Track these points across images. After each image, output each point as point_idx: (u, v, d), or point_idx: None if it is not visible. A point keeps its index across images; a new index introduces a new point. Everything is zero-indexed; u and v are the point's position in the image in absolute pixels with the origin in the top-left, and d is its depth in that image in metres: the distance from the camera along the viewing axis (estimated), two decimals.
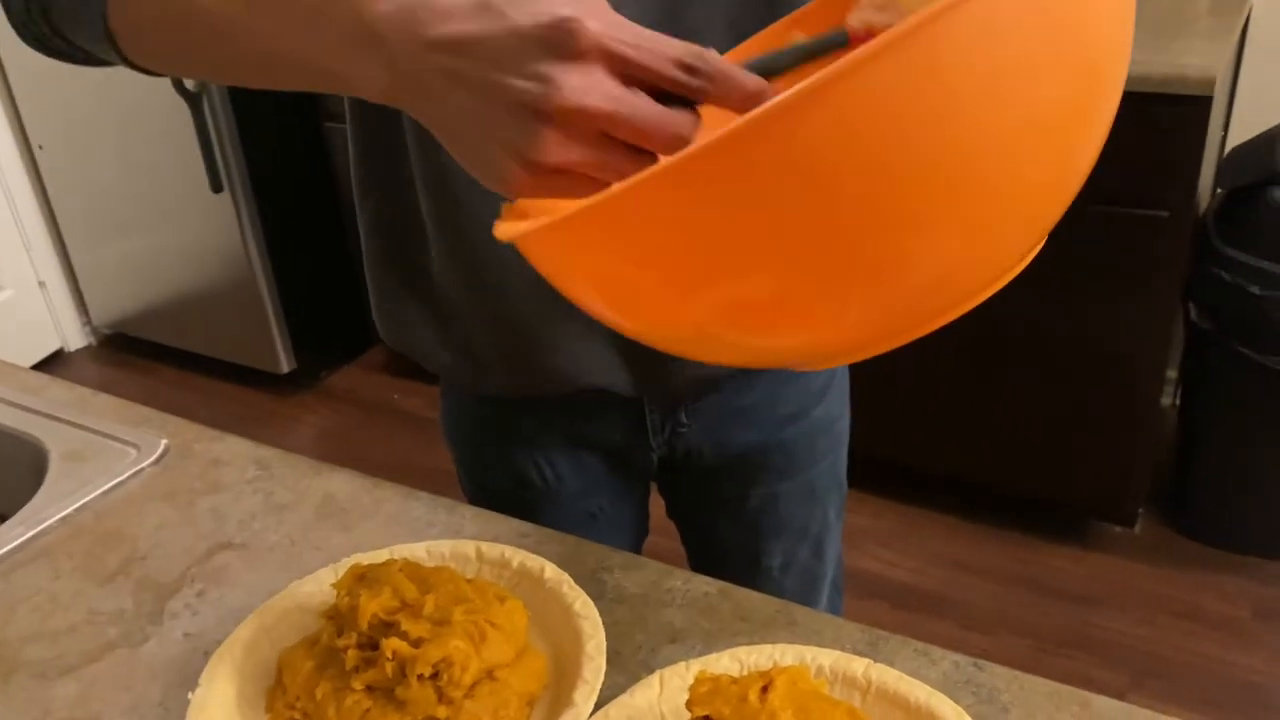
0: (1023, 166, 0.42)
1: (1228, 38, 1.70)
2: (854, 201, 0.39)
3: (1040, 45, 0.40)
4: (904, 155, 0.39)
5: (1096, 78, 0.44)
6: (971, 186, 0.41)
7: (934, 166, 0.39)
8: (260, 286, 2.51)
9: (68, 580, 0.78)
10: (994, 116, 0.39)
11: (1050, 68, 0.40)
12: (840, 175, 0.39)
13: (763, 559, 0.93)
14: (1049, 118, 0.41)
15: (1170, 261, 1.71)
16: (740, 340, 0.47)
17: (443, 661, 0.59)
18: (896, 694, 0.59)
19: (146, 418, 0.96)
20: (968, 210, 0.42)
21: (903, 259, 0.42)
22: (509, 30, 0.41)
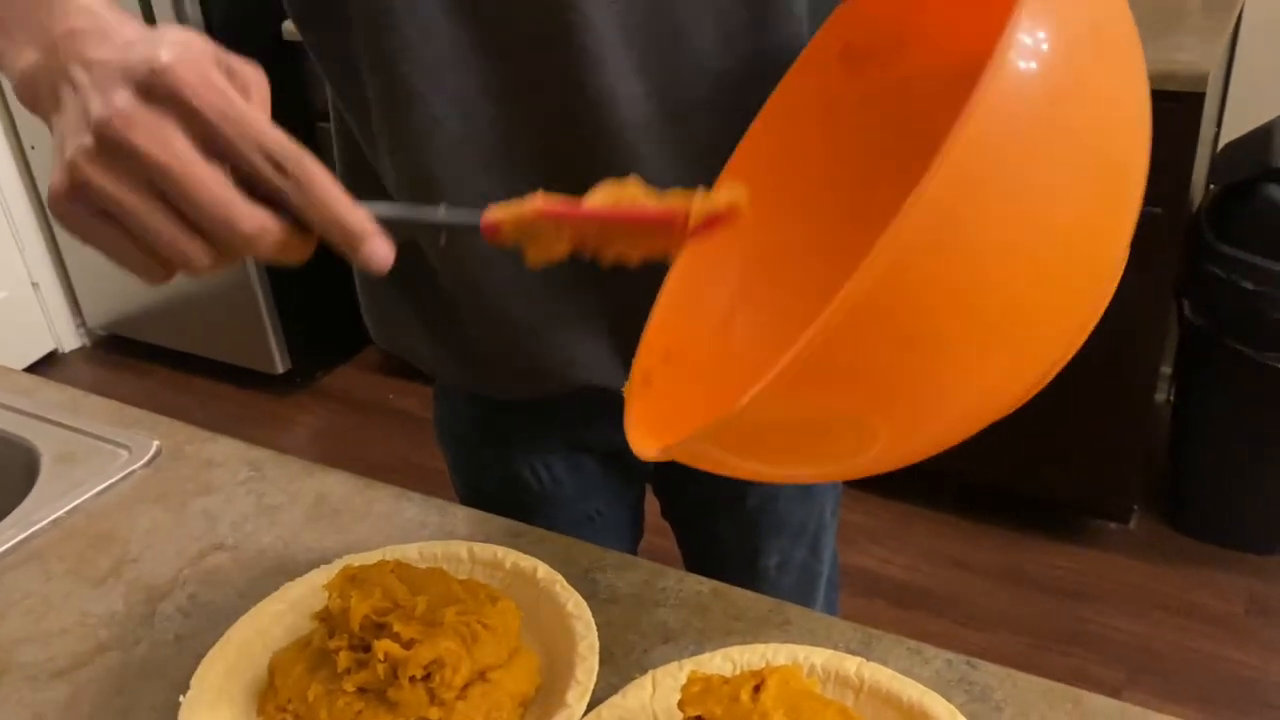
0: (1062, 278, 0.43)
1: (1220, 34, 1.70)
2: (918, 370, 0.42)
3: (1060, 165, 0.40)
4: (945, 314, 0.40)
5: (1121, 174, 0.45)
6: (1013, 315, 0.42)
7: (977, 314, 0.41)
8: (255, 286, 2.50)
9: (59, 583, 0.77)
10: (1025, 248, 0.41)
11: (1072, 185, 0.41)
12: (904, 354, 0.41)
13: (760, 559, 0.93)
14: (1078, 231, 0.42)
15: (1163, 258, 1.71)
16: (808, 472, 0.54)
17: (434, 663, 0.59)
18: (889, 693, 0.59)
19: (138, 419, 0.96)
20: (1013, 333, 0.43)
21: (958, 393, 0.45)
22: (120, 61, 0.41)
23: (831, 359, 0.40)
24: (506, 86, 0.66)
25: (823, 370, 0.41)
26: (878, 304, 0.39)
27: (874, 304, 0.39)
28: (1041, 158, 0.39)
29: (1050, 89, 0.39)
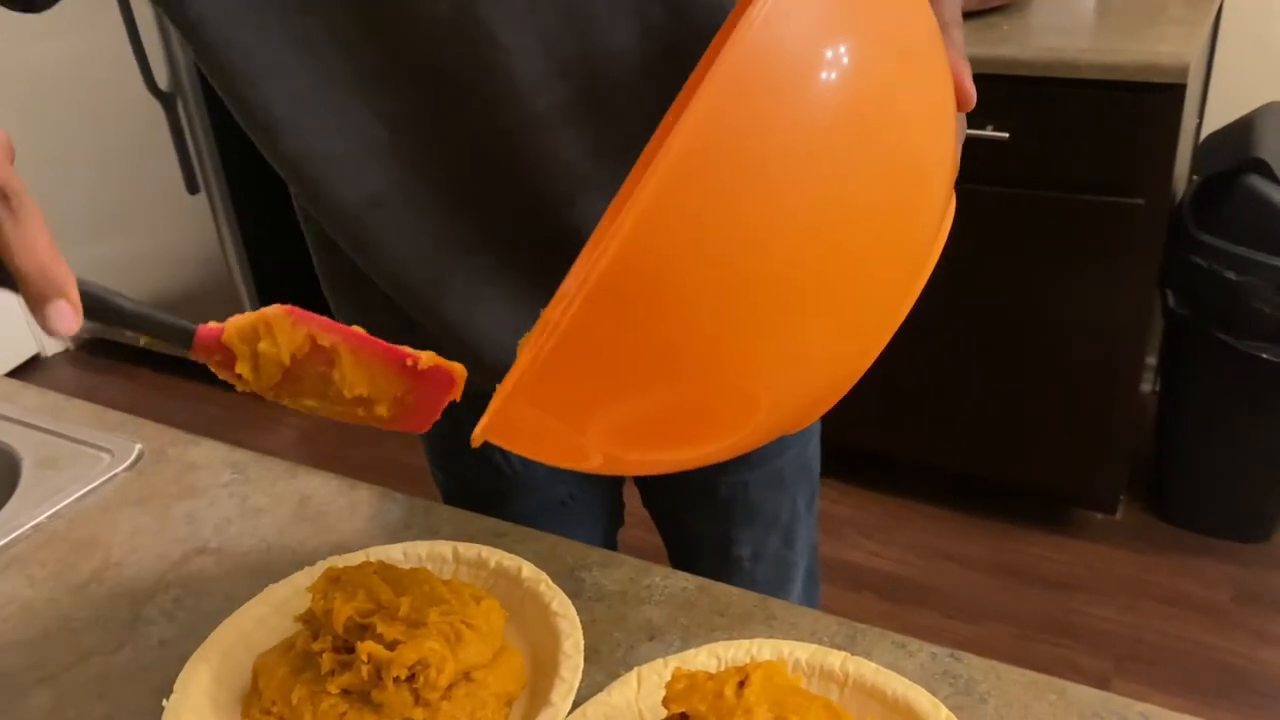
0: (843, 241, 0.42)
1: (1201, 24, 1.71)
2: (713, 315, 0.41)
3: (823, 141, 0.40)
4: (728, 263, 0.40)
5: (912, 160, 0.44)
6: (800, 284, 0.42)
7: (759, 264, 0.40)
8: (239, 288, 2.49)
9: (41, 588, 0.77)
10: (800, 207, 0.40)
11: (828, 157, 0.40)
12: (686, 297, 0.40)
13: (733, 549, 0.93)
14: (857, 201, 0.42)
15: (1146, 249, 1.72)
16: (666, 456, 0.51)
17: (418, 664, 0.59)
18: (874, 687, 0.59)
19: (120, 423, 0.95)
20: (806, 302, 0.43)
21: (776, 356, 0.44)
22: None
23: (597, 320, 0.40)
24: (422, 100, 0.66)
25: (590, 335, 0.41)
26: (631, 259, 0.39)
27: (627, 259, 0.39)
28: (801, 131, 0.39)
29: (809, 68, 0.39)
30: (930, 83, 0.45)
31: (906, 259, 0.46)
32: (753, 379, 0.44)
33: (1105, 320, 1.79)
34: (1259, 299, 1.71)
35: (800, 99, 0.38)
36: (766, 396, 0.46)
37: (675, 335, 0.41)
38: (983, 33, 1.75)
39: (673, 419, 0.46)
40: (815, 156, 0.39)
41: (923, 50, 0.45)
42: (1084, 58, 1.61)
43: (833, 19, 0.40)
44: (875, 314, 0.46)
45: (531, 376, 0.43)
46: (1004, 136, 1.69)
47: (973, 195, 1.78)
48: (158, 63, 2.23)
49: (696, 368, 0.43)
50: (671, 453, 0.51)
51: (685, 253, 0.39)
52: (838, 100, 0.39)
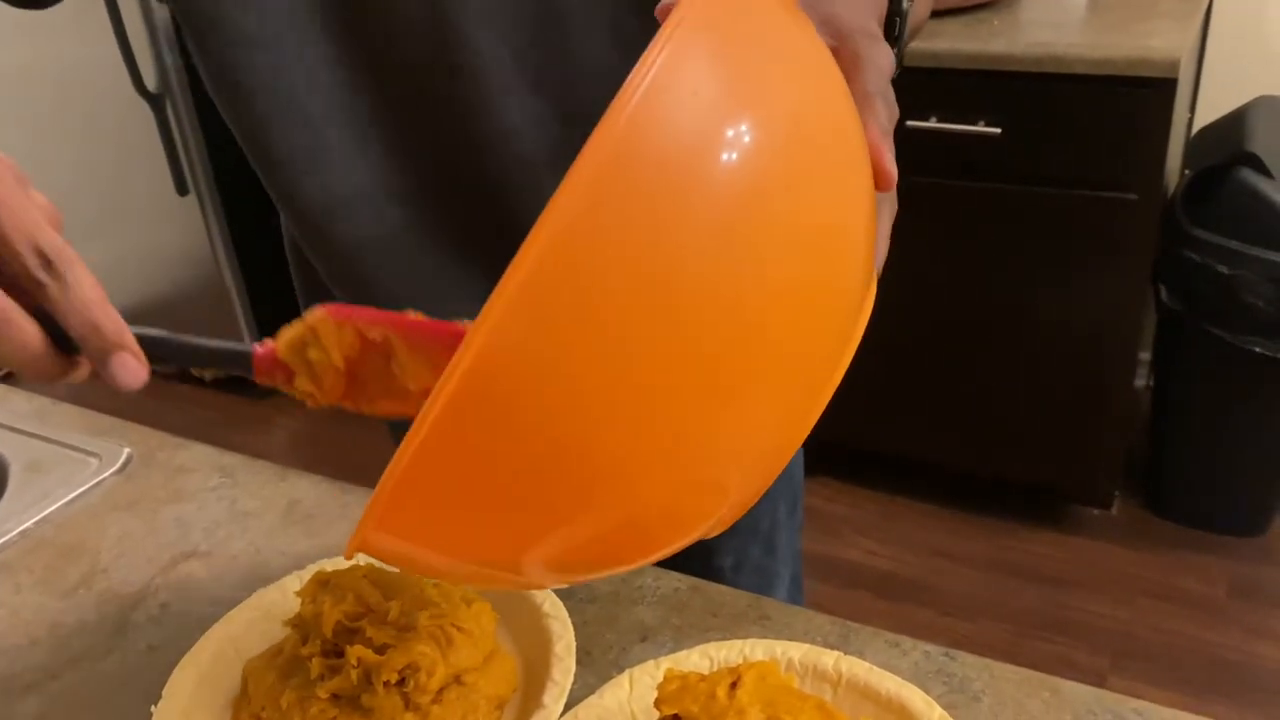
0: None
1: (1192, 19, 1.71)
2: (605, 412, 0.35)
3: None
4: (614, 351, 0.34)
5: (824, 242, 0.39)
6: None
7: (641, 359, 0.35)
8: (229, 289, 2.49)
9: (29, 594, 0.76)
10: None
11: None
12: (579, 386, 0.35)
13: (715, 559, 0.92)
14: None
15: (1139, 244, 1.72)
16: (611, 565, 0.45)
17: (408, 667, 0.58)
18: (867, 686, 0.58)
19: (109, 427, 0.94)
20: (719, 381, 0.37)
21: (708, 440, 0.38)
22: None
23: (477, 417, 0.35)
24: (396, 112, 0.66)
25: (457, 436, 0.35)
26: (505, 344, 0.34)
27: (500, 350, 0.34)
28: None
29: None
30: (837, 166, 0.40)
31: (826, 343, 0.41)
32: (677, 486, 0.39)
33: (1098, 316, 1.79)
34: (1252, 293, 1.71)
35: (686, 180, 0.34)
36: (697, 500, 0.41)
37: (557, 449, 0.36)
38: (973, 28, 1.75)
39: (595, 540, 0.40)
40: (701, 239, 0.35)
41: (828, 125, 0.40)
42: (1075, 53, 1.61)
43: (720, 94, 0.36)
44: (798, 398, 0.41)
45: (384, 504, 0.37)
46: (995, 132, 1.69)
47: (965, 192, 1.80)
48: (146, 64, 2.22)
49: (599, 484, 0.37)
50: (607, 569, 0.45)
51: (557, 357, 0.34)
52: (725, 180, 0.35)
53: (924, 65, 1.69)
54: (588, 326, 0.34)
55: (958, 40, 1.70)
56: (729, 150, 0.35)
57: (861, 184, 0.42)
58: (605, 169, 0.34)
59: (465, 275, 0.72)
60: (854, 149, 0.41)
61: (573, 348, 0.34)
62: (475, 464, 0.36)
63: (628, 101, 0.34)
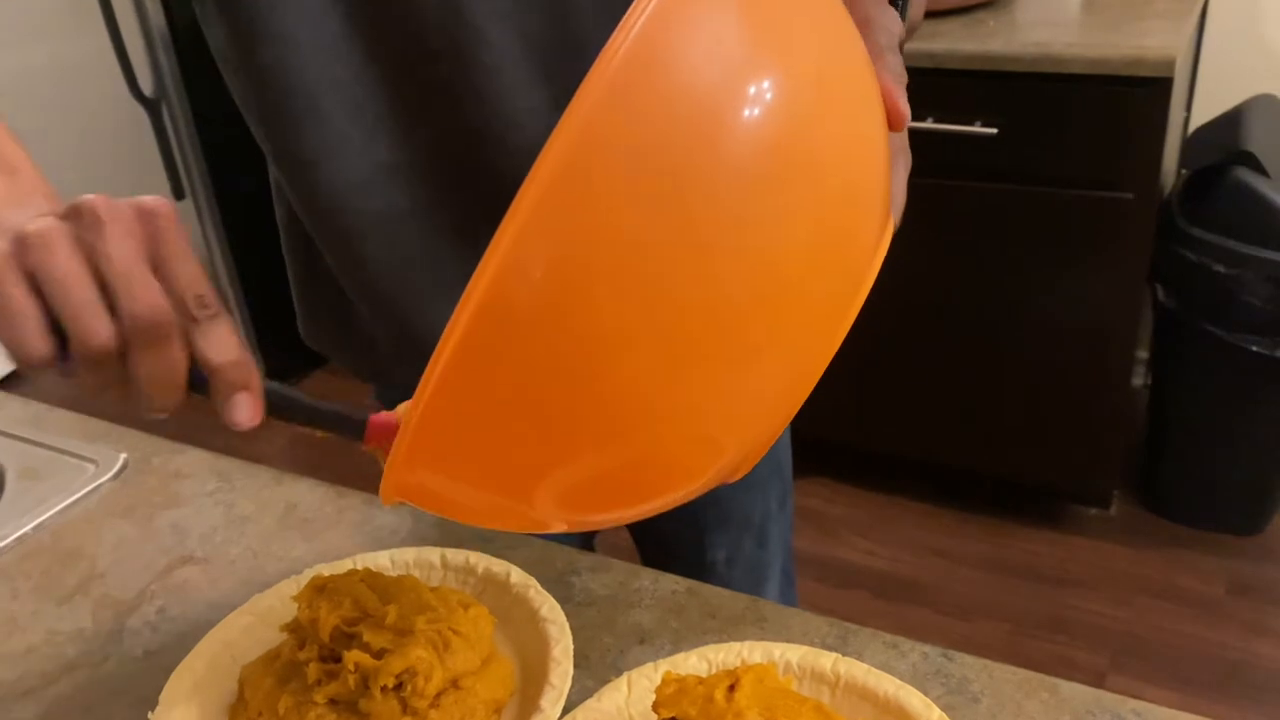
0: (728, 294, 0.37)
1: (1187, 18, 1.71)
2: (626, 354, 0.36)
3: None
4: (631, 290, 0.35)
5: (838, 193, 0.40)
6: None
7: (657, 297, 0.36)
8: (226, 293, 2.49)
9: (25, 601, 0.76)
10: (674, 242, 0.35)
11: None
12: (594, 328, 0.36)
13: (707, 553, 0.92)
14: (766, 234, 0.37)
15: (1136, 243, 1.72)
16: (611, 514, 0.46)
17: (406, 672, 0.58)
18: (865, 688, 0.58)
19: (104, 432, 0.94)
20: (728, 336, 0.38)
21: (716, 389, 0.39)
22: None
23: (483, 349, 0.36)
24: (409, 101, 0.66)
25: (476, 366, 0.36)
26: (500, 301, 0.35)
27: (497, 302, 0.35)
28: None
29: None
30: (853, 104, 0.41)
31: (840, 283, 0.41)
32: (690, 422, 0.40)
33: (1096, 315, 1.79)
34: (1249, 292, 1.71)
35: (707, 111, 0.35)
36: (710, 438, 0.42)
37: (583, 383, 0.37)
38: (969, 28, 1.75)
39: (608, 476, 0.42)
40: (727, 184, 0.35)
41: (844, 71, 0.41)
42: (1070, 52, 1.61)
43: (745, 32, 0.37)
44: (811, 338, 0.42)
45: (413, 435, 0.39)
46: (992, 132, 1.69)
47: (961, 191, 1.79)
48: (141, 68, 2.22)
49: (621, 417, 0.38)
50: (620, 510, 0.46)
51: (592, 286, 0.35)
52: (745, 116, 0.36)
53: (921, 66, 1.68)
54: (601, 249, 0.34)
55: (954, 41, 1.70)
56: (753, 83, 0.35)
57: (876, 125, 0.42)
58: (621, 83, 0.33)
59: (473, 265, 0.72)
60: (869, 93, 0.42)
61: (587, 271, 0.34)
62: (492, 391, 0.37)
63: (646, 14, 0.33)
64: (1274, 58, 1.97)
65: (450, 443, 0.40)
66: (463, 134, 0.67)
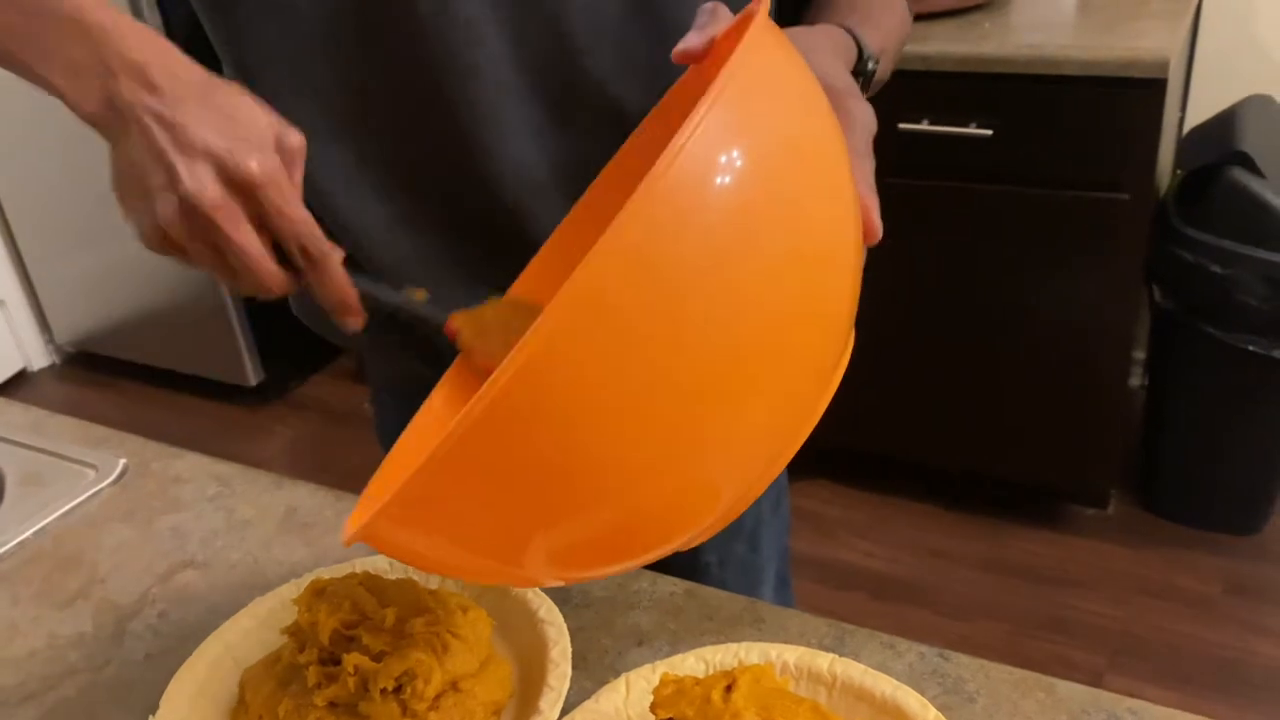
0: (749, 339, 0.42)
1: (1181, 19, 1.72)
2: (618, 423, 0.40)
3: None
4: (632, 379, 0.39)
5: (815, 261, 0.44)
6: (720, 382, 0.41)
7: (670, 378, 0.40)
8: (225, 298, 2.49)
9: (27, 606, 0.76)
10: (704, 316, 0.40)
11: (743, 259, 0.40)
12: (594, 407, 0.40)
13: (700, 556, 0.93)
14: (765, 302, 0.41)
15: (1132, 244, 1.72)
16: (611, 566, 0.50)
17: (405, 674, 0.58)
18: (862, 688, 0.58)
19: (105, 438, 0.95)
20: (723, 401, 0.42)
21: (702, 454, 0.43)
22: (205, 144, 0.50)
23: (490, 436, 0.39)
24: (403, 114, 0.67)
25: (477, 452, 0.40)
26: (533, 380, 0.38)
27: (530, 379, 0.38)
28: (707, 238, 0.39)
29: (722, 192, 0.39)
30: (838, 207, 0.45)
31: (818, 361, 0.46)
32: (683, 486, 0.44)
33: (1092, 315, 1.79)
34: (1245, 292, 1.72)
35: (708, 219, 0.39)
36: (703, 493, 0.45)
37: (579, 455, 0.41)
38: (964, 30, 1.75)
39: (596, 538, 0.45)
40: (721, 271, 0.39)
41: (824, 166, 0.45)
42: (1065, 54, 1.62)
43: (741, 146, 0.40)
44: (791, 414, 0.45)
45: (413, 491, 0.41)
46: (987, 134, 1.70)
47: (957, 193, 1.80)
48: None
49: (618, 485, 0.42)
50: (613, 565, 0.50)
51: (592, 373, 0.39)
52: (741, 215, 0.40)
53: (915, 68, 1.69)
54: (616, 351, 0.39)
55: (949, 43, 1.70)
56: (742, 190, 0.40)
57: (854, 227, 0.47)
58: (640, 228, 0.38)
59: (462, 269, 0.73)
60: (850, 200, 0.46)
61: (601, 369, 0.39)
62: (501, 464, 0.41)
63: (665, 174, 0.38)
64: (1268, 58, 1.98)
65: (442, 504, 0.43)
66: (454, 142, 0.68)
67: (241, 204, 0.51)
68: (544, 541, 0.45)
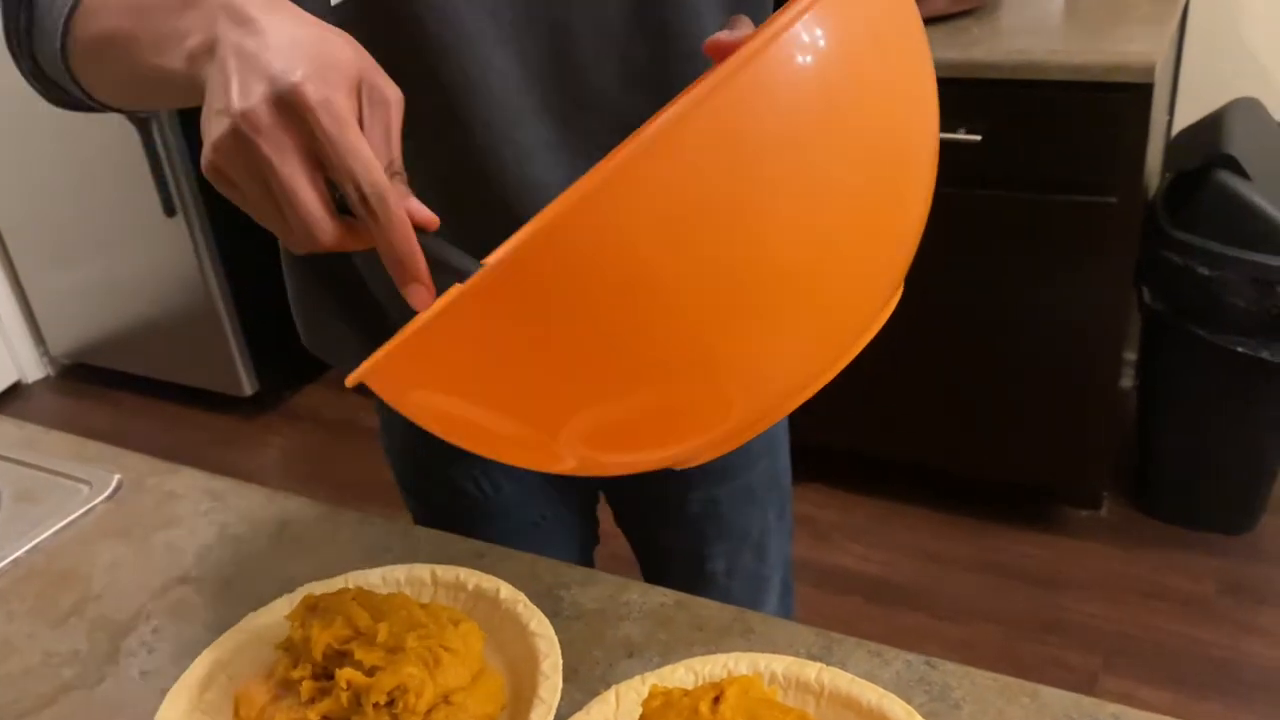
0: (825, 244, 0.42)
1: (1167, 23, 1.73)
2: (657, 303, 0.40)
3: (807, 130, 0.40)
4: (689, 249, 0.39)
5: (898, 156, 0.45)
6: (774, 274, 0.41)
7: (726, 257, 0.40)
8: (219, 309, 2.49)
9: (21, 623, 0.77)
10: (773, 201, 0.40)
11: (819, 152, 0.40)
12: (633, 277, 0.39)
13: (707, 564, 0.93)
14: (840, 200, 0.42)
15: (1121, 247, 1.73)
16: (624, 458, 0.49)
17: (397, 689, 0.59)
18: (849, 697, 0.59)
19: (98, 453, 0.95)
20: (780, 298, 0.42)
21: (740, 350, 0.43)
22: (264, 63, 0.47)
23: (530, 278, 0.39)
24: (418, 135, 0.68)
25: (548, 286, 0.39)
26: (581, 229, 0.38)
27: (578, 228, 0.38)
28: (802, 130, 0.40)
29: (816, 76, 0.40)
30: (914, 80, 0.47)
31: (888, 254, 0.46)
32: (723, 372, 0.43)
33: (1083, 318, 1.80)
34: (1233, 293, 1.73)
35: (791, 101, 0.39)
36: (737, 390, 0.45)
37: (616, 311, 0.40)
38: (953, 36, 1.76)
39: (634, 415, 0.44)
40: (796, 144, 0.40)
41: (908, 50, 0.47)
42: (1053, 59, 1.63)
43: (837, 39, 0.41)
44: (851, 312, 0.46)
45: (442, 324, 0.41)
46: (976, 139, 1.71)
47: (947, 198, 1.79)
48: None
49: (645, 355, 0.41)
50: (631, 454, 0.49)
51: (648, 229, 0.38)
52: (820, 93, 0.40)
53: None
54: (679, 212, 0.38)
55: (938, 49, 1.71)
56: (824, 70, 0.40)
57: (932, 100, 0.49)
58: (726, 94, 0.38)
59: None
60: (927, 70, 0.49)
61: (659, 229, 0.38)
62: (538, 309, 0.40)
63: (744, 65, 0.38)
64: (1254, 61, 1.99)
65: (478, 344, 0.42)
66: (466, 160, 0.68)
67: (294, 135, 0.47)
68: (559, 402, 0.44)
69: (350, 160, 0.46)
